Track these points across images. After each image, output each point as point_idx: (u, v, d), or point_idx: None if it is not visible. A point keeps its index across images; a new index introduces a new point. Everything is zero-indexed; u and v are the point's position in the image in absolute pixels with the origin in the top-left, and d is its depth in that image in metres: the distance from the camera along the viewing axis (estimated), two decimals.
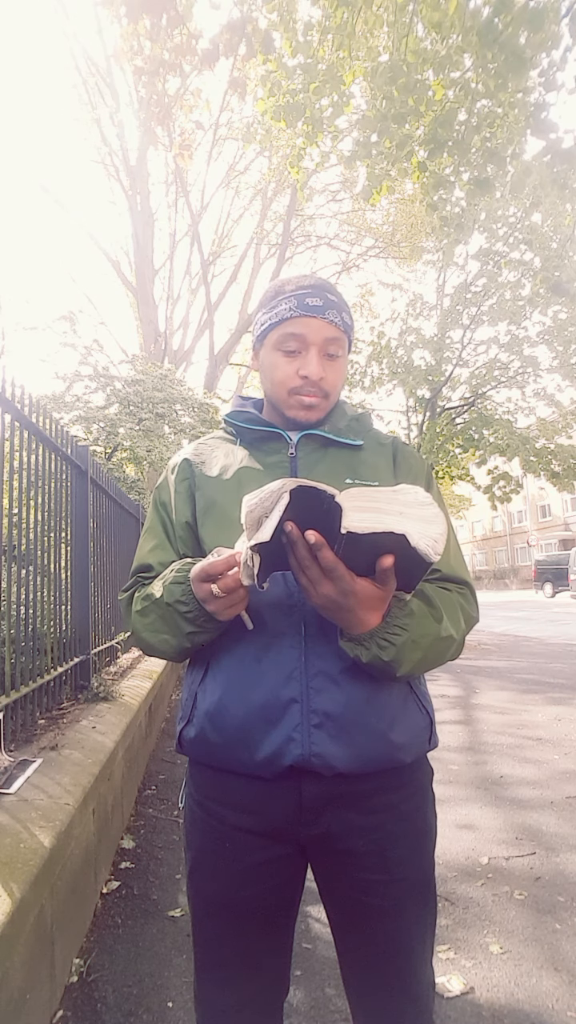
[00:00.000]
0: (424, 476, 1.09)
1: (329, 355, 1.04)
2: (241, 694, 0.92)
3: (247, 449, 1.08)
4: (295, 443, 1.06)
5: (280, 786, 0.92)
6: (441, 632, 0.91)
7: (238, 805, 0.95)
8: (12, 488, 2.51)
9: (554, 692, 5.99)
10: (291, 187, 13.00)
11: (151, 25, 4.02)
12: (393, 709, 0.93)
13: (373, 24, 4.11)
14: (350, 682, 0.91)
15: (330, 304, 1.03)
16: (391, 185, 5.06)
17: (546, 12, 3.09)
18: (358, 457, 1.06)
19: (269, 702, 0.90)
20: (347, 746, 0.89)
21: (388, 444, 1.11)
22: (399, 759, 0.93)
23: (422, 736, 0.97)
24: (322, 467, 1.04)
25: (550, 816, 2.96)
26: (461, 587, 1.01)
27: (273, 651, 0.92)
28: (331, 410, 1.10)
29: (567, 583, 23.48)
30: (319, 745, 0.89)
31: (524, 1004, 1.67)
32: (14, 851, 1.50)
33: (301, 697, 0.90)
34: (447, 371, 10.10)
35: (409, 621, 0.87)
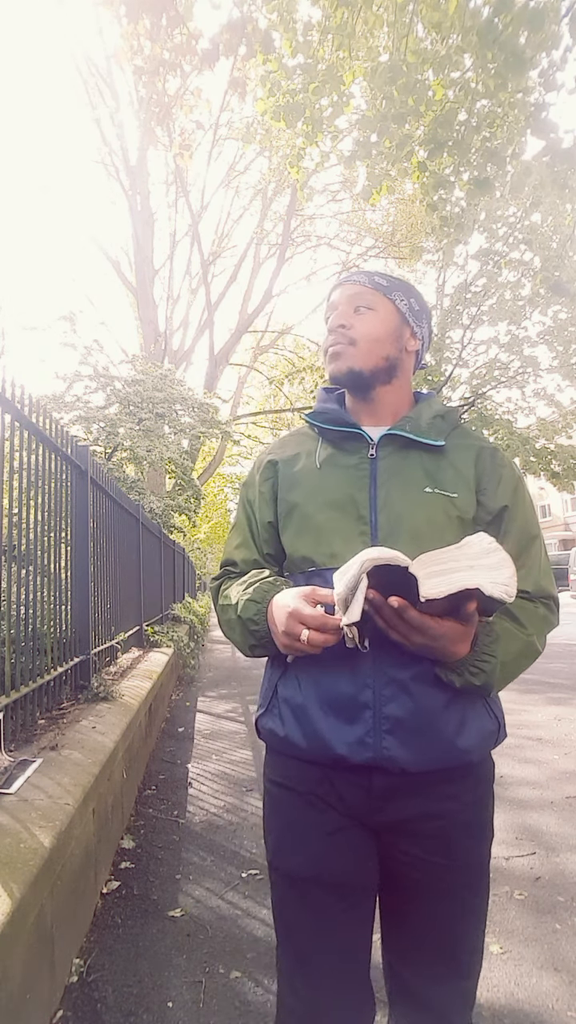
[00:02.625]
0: (511, 487, 1.05)
1: (357, 308, 1.05)
2: (320, 695, 0.96)
3: (329, 448, 1.07)
4: (376, 443, 1.04)
5: (352, 777, 0.96)
6: (528, 648, 0.97)
7: (314, 781, 1.00)
8: (12, 488, 2.51)
9: (554, 692, 5.99)
10: (291, 187, 13.00)
11: (151, 25, 4.01)
12: (462, 715, 0.95)
13: (373, 24, 4.11)
14: (420, 689, 0.93)
15: (362, 272, 1.08)
16: (391, 185, 5.06)
17: (546, 12, 3.09)
18: (440, 461, 1.03)
19: (345, 706, 0.94)
20: (416, 750, 0.93)
21: (473, 449, 1.06)
22: (466, 760, 0.96)
23: (490, 739, 1.00)
24: (404, 473, 1.02)
25: (550, 816, 2.96)
26: (547, 600, 1.03)
27: (348, 657, 0.94)
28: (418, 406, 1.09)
29: (567, 583, 23.48)
30: (390, 749, 0.92)
31: (524, 1004, 1.67)
32: (14, 851, 1.50)
33: (373, 703, 0.93)
34: (447, 371, 10.10)
35: (496, 647, 0.91)
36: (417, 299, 1.10)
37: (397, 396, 1.10)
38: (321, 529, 1.00)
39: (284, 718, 1.00)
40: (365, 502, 1.00)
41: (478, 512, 1.01)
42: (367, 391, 1.08)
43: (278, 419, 16.64)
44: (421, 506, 0.98)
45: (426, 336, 1.14)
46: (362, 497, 1.00)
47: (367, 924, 1.02)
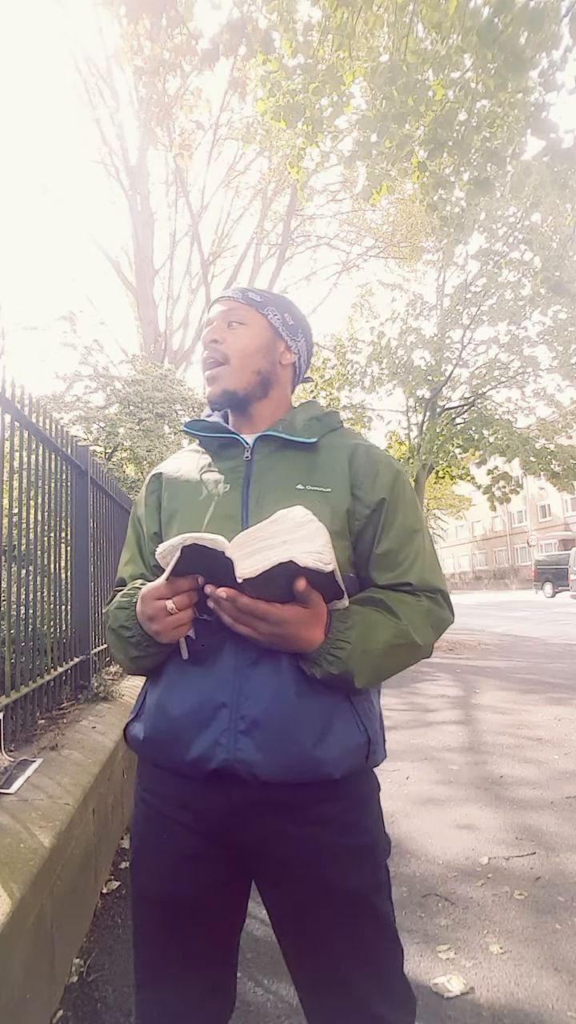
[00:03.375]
0: (388, 481, 1.04)
1: (230, 324, 1.07)
2: (178, 695, 0.94)
3: (209, 457, 1.10)
4: (251, 446, 1.06)
5: (211, 788, 0.93)
6: (400, 639, 0.93)
7: (176, 800, 0.97)
8: (12, 488, 2.51)
9: (554, 692, 5.99)
10: (291, 187, 13.00)
11: (151, 25, 4.02)
12: (324, 723, 0.92)
13: (373, 24, 4.11)
14: (281, 689, 0.91)
15: (236, 289, 1.11)
16: (391, 185, 5.06)
17: (546, 12, 3.09)
18: (315, 459, 1.04)
19: (202, 705, 0.92)
20: (270, 755, 0.89)
21: (348, 447, 1.06)
22: (325, 774, 0.90)
23: (356, 753, 0.94)
24: (277, 471, 1.03)
25: (550, 816, 2.96)
26: (433, 594, 1.01)
27: (211, 655, 0.93)
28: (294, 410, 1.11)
29: (567, 583, 23.46)
30: (244, 752, 0.89)
31: (524, 1004, 1.67)
32: (14, 851, 1.50)
33: (231, 702, 0.91)
34: (447, 371, 10.11)
35: (352, 633, 0.89)
36: (292, 314, 1.12)
37: (274, 408, 1.11)
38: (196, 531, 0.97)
39: (146, 722, 0.98)
40: (237, 502, 1.00)
41: (355, 506, 1.01)
42: (244, 407, 1.09)
43: None
44: (293, 503, 0.95)
45: (303, 350, 1.15)
46: (234, 497, 1.01)
47: (228, 962, 1.01)
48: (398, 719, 5.10)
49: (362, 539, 1.01)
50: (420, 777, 3.60)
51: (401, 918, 2.11)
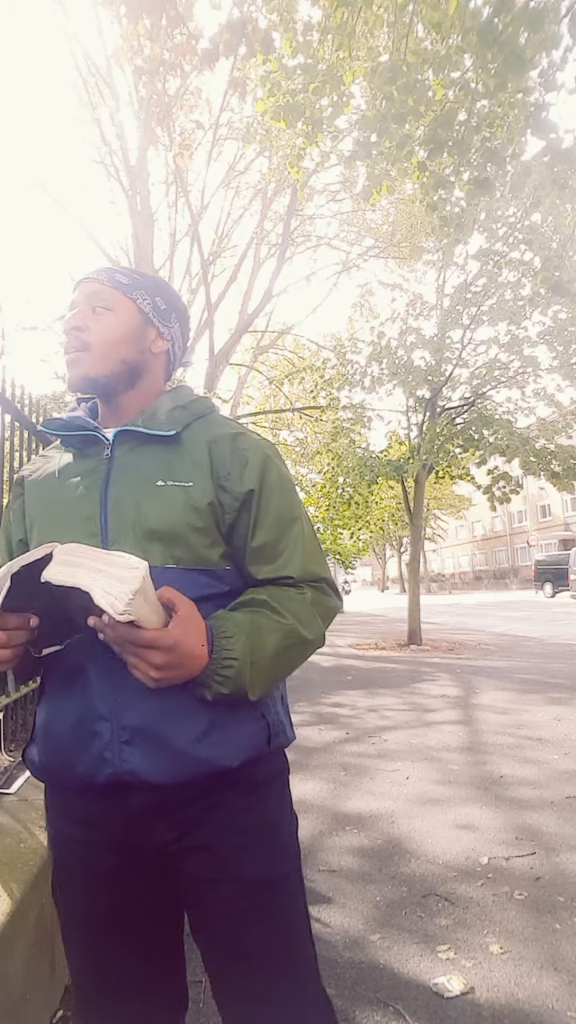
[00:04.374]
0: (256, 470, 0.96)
1: (95, 308, 0.98)
2: (61, 713, 0.91)
3: (69, 456, 1.02)
4: (111, 442, 0.98)
5: (107, 800, 0.89)
6: (290, 640, 0.89)
7: (76, 819, 0.94)
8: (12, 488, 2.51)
9: (554, 692, 5.99)
10: (291, 187, 13.00)
11: (151, 25, 4.01)
12: (207, 720, 0.87)
13: (373, 24, 4.11)
14: (160, 694, 0.84)
15: (103, 270, 1.01)
16: (391, 185, 5.07)
17: (546, 12, 3.09)
18: (178, 452, 0.96)
19: (82, 719, 0.88)
20: (159, 760, 0.85)
21: (211, 436, 0.98)
22: (221, 766, 0.87)
23: (254, 739, 0.91)
24: (137, 468, 0.95)
25: (550, 816, 2.96)
26: (317, 583, 0.96)
27: (87, 666, 0.89)
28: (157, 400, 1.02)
29: (567, 583, 23.47)
30: (130, 762, 0.85)
31: (524, 1004, 1.67)
32: (14, 851, 1.50)
33: (110, 714, 0.87)
34: (447, 371, 10.10)
35: (237, 646, 0.84)
36: (165, 297, 1.04)
37: (143, 400, 1.03)
38: (55, 538, 0.89)
39: (38, 744, 0.94)
40: (95, 503, 0.93)
41: (222, 498, 0.94)
42: (110, 398, 1.01)
43: (278, 419, 16.65)
44: (153, 501, 0.91)
45: (177, 336, 1.07)
46: (92, 499, 0.94)
47: (173, 973, 0.98)
48: (398, 719, 5.10)
49: (235, 533, 0.95)
50: (420, 777, 3.60)
51: (401, 918, 2.11)
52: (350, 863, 2.52)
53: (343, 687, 6.75)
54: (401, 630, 12.19)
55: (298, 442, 16.20)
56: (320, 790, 3.43)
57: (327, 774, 3.70)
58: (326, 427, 12.40)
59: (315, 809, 3.15)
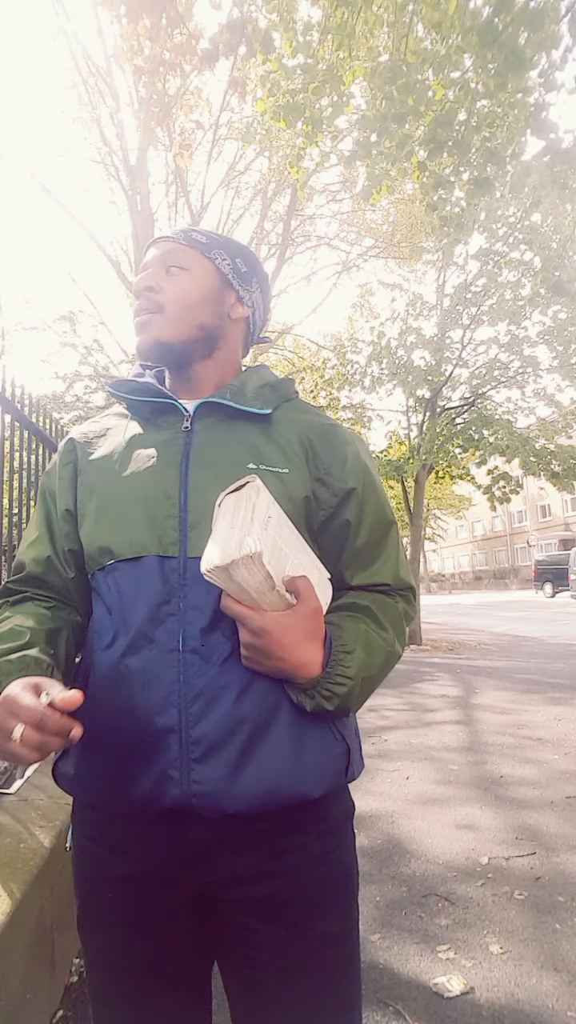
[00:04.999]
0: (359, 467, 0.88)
1: (168, 268, 0.89)
2: (112, 720, 0.77)
3: (139, 424, 0.91)
4: (191, 415, 0.88)
5: (162, 828, 0.76)
6: (390, 658, 0.83)
7: (118, 848, 0.80)
8: (12, 488, 2.51)
9: (554, 692, 5.99)
10: (291, 187, 13.00)
11: (151, 25, 4.02)
12: (297, 733, 0.77)
13: (373, 24, 4.11)
14: (240, 703, 0.75)
15: (178, 229, 0.93)
16: (391, 185, 5.07)
17: (546, 12, 3.09)
18: (268, 434, 0.87)
19: (142, 730, 0.75)
20: (235, 783, 0.73)
21: (307, 423, 0.90)
22: (303, 794, 0.76)
23: (335, 766, 0.79)
24: (222, 446, 0.85)
25: (550, 816, 2.96)
26: (405, 592, 0.90)
27: (147, 667, 0.76)
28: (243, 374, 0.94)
29: (567, 583, 23.47)
30: (202, 783, 0.73)
31: (524, 1004, 1.67)
32: (14, 851, 1.50)
33: (179, 725, 0.74)
34: (447, 371, 10.11)
35: (355, 663, 0.76)
36: (245, 259, 0.94)
37: (221, 372, 0.93)
38: (122, 514, 0.83)
39: (75, 756, 0.81)
40: (174, 481, 0.82)
41: (320, 493, 0.85)
42: (183, 367, 0.91)
43: None
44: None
45: (258, 302, 0.97)
46: (171, 475, 0.83)
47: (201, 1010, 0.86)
48: (398, 719, 5.10)
49: (327, 532, 0.87)
50: (420, 777, 3.60)
51: (401, 918, 2.11)
52: None
53: None
54: None
55: None
56: None
57: None
58: None
59: None
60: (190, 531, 0.79)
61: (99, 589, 0.84)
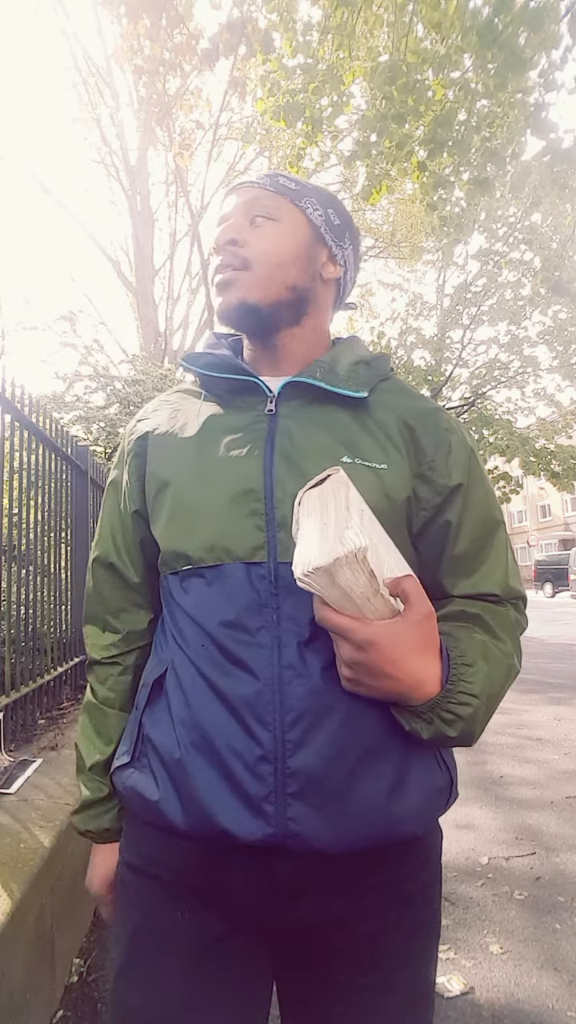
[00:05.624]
0: (464, 459, 0.77)
1: (254, 219, 0.77)
2: (198, 739, 0.67)
3: (215, 405, 0.79)
4: (275, 396, 0.76)
5: (247, 861, 0.66)
6: (511, 673, 0.72)
7: (189, 877, 0.69)
8: (12, 488, 2.51)
9: (554, 692, 5.99)
10: None
11: (151, 25, 4.02)
12: (402, 765, 0.67)
13: (373, 24, 4.12)
14: (343, 730, 0.65)
15: (263, 174, 0.81)
16: (391, 185, 5.06)
17: (546, 12, 3.09)
18: (363, 421, 0.75)
19: (232, 756, 0.65)
20: (334, 821, 0.64)
21: (407, 408, 0.78)
22: (403, 833, 0.67)
23: (438, 800, 0.71)
24: (312, 434, 0.74)
25: (550, 816, 2.96)
26: (516, 601, 0.79)
27: (237, 686, 0.67)
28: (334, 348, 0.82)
29: (567, 583, 23.48)
30: (298, 821, 0.63)
31: (524, 1004, 1.67)
32: (14, 851, 1.50)
33: (275, 753, 0.64)
34: (447, 371, 10.12)
35: (478, 676, 0.65)
36: (337, 210, 0.82)
37: (309, 343, 0.81)
38: (196, 512, 0.72)
39: (157, 775, 0.69)
40: (258, 473, 0.71)
41: (422, 491, 0.74)
42: (268, 335, 0.79)
43: None
44: None
45: (351, 261, 0.85)
46: (253, 467, 0.72)
47: None
48: None
49: (426, 535, 0.75)
50: None
51: None
52: None
53: None
54: None
55: None
56: None
57: None
58: None
59: None
60: (278, 532, 0.69)
61: (173, 594, 0.75)
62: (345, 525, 0.59)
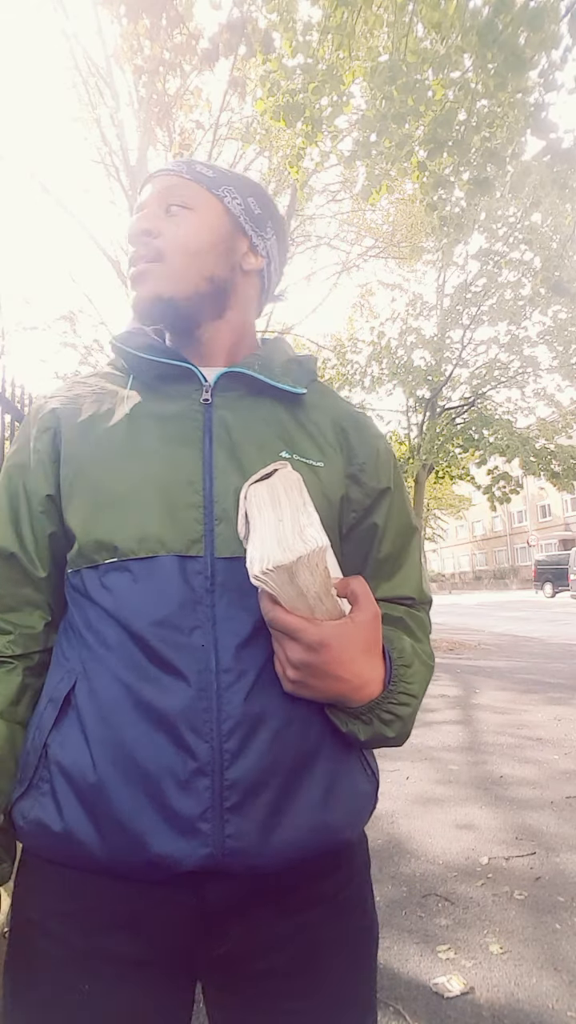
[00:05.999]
0: (391, 465, 0.79)
1: (169, 208, 0.75)
2: (118, 756, 0.60)
3: (143, 390, 0.75)
4: (212, 385, 0.73)
5: (173, 891, 0.61)
6: (432, 672, 0.72)
7: (104, 921, 0.62)
8: None
9: (554, 692, 5.99)
10: (291, 187, 13.00)
11: (151, 25, 4.02)
12: (333, 772, 0.65)
13: (373, 24, 4.12)
14: (282, 735, 0.62)
15: (180, 161, 0.78)
16: (391, 185, 5.08)
17: (546, 12, 3.09)
18: (295, 418, 0.75)
19: (164, 770, 0.59)
20: (274, 835, 0.60)
21: (338, 410, 0.79)
22: (338, 840, 0.65)
23: (367, 804, 0.69)
24: (251, 427, 0.72)
25: (550, 816, 2.96)
26: (427, 605, 0.80)
27: (166, 691, 0.61)
28: (268, 344, 0.82)
29: (567, 583, 23.49)
30: (237, 838, 0.59)
31: (524, 1004, 1.67)
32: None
33: (212, 765, 0.59)
34: (447, 371, 10.13)
35: (417, 677, 0.67)
36: (259, 199, 0.79)
37: (235, 336, 0.79)
38: (127, 501, 0.67)
39: (62, 800, 0.61)
40: (196, 464, 0.68)
41: (353, 493, 0.74)
42: (190, 329, 0.76)
43: None
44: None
45: (274, 252, 0.82)
46: (191, 457, 0.69)
47: None
48: None
49: (354, 537, 0.75)
50: (420, 777, 3.60)
51: (401, 918, 2.11)
52: None
53: None
54: None
55: None
56: None
57: None
58: None
59: None
60: (217, 526, 0.66)
61: (88, 591, 0.67)
62: (306, 522, 0.58)
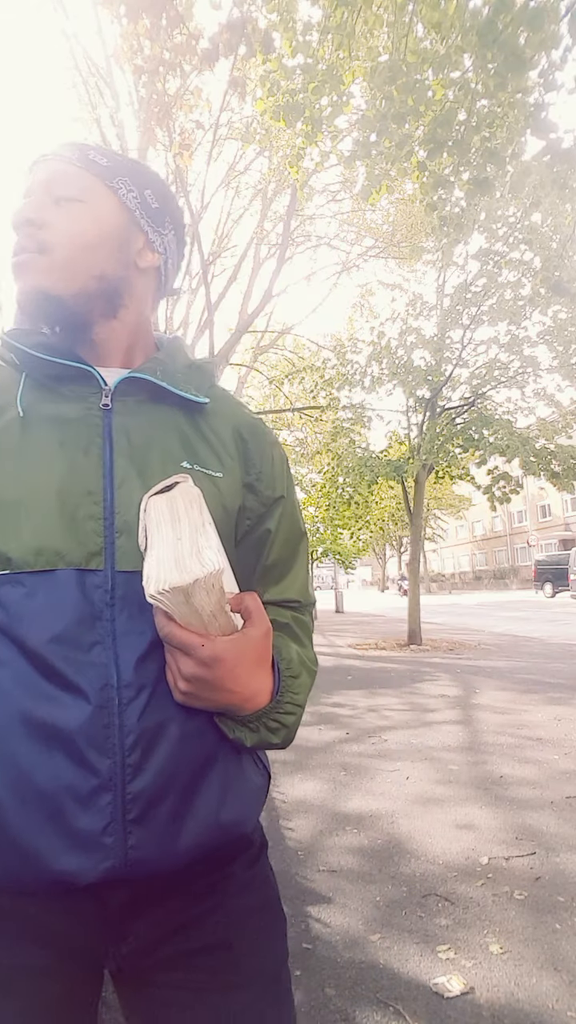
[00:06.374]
0: (285, 472, 0.79)
1: (58, 199, 0.70)
2: (12, 777, 0.59)
3: (37, 391, 0.70)
4: (111, 389, 0.70)
5: (79, 903, 0.63)
6: (314, 676, 0.74)
7: (12, 935, 0.64)
8: None
9: (554, 692, 5.99)
10: (291, 187, 13.01)
11: (151, 25, 4.02)
12: (229, 773, 0.67)
13: (373, 24, 4.12)
14: (180, 745, 0.63)
15: (72, 145, 0.73)
16: (391, 185, 5.08)
17: (546, 12, 3.09)
18: (195, 426, 0.73)
19: (63, 788, 0.59)
20: (177, 840, 0.62)
21: (236, 417, 0.78)
22: (237, 833, 0.68)
23: (260, 797, 0.71)
24: (151, 435, 0.70)
25: (550, 816, 2.96)
26: (311, 607, 0.82)
27: (64, 708, 0.60)
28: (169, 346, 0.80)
29: (567, 583, 23.50)
30: (139, 848, 0.60)
31: (524, 1004, 1.67)
32: None
33: (114, 780, 0.59)
34: (447, 371, 10.12)
35: (302, 687, 0.69)
36: (156, 192, 0.75)
37: (131, 335, 0.76)
38: (21, 510, 0.63)
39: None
40: (96, 473, 0.66)
41: (248, 501, 0.74)
42: (81, 329, 0.72)
43: (278, 419, 16.67)
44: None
45: (172, 248, 0.79)
46: (91, 466, 0.66)
47: None
48: (398, 719, 5.10)
49: (246, 544, 0.75)
50: (420, 777, 3.60)
51: (401, 918, 2.11)
52: (350, 863, 2.52)
53: (343, 687, 6.75)
54: (401, 630, 12.19)
55: (298, 442, 16.23)
56: (320, 790, 3.43)
57: (327, 774, 3.70)
58: (326, 427, 12.43)
59: (315, 809, 3.15)
60: (118, 538, 0.64)
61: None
62: (205, 543, 0.58)
